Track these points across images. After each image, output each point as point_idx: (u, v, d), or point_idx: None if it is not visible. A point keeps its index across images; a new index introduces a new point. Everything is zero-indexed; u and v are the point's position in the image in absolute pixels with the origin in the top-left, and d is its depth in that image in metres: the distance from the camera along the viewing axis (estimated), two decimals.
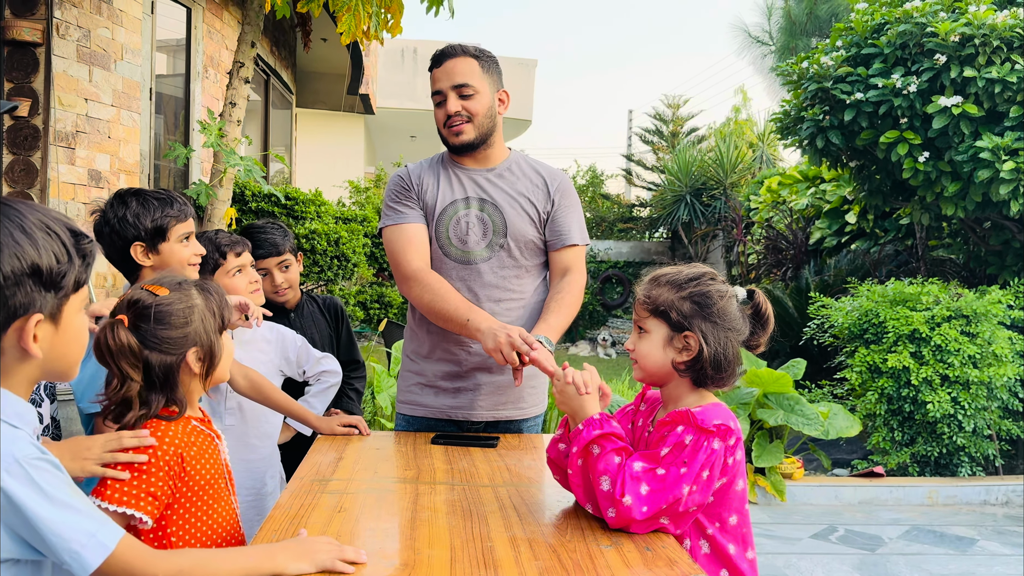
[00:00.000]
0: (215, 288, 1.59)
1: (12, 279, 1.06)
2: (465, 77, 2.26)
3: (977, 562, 3.94)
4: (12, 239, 1.07)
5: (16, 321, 1.08)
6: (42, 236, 1.09)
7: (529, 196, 2.33)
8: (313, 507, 1.60)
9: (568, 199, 2.38)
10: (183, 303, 1.49)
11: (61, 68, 4.48)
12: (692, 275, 1.60)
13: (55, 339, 1.13)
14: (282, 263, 2.70)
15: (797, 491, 4.86)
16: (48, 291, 1.10)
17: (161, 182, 5.75)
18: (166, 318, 1.47)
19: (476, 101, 2.27)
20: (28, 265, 1.07)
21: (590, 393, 1.58)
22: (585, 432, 1.51)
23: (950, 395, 4.87)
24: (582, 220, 2.41)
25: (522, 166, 2.39)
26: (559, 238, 2.34)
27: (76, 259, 1.13)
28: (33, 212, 1.11)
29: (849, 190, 7.39)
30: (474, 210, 2.30)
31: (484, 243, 2.29)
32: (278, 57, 8.24)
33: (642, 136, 17.52)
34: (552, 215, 2.35)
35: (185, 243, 2.03)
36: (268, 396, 2.22)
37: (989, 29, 5.16)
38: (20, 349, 1.09)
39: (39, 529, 1.05)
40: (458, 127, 2.28)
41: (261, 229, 2.71)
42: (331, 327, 2.85)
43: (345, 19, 4.11)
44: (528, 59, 15.89)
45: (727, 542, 1.55)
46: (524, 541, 1.43)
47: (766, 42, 13.62)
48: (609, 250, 13.63)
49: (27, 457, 1.06)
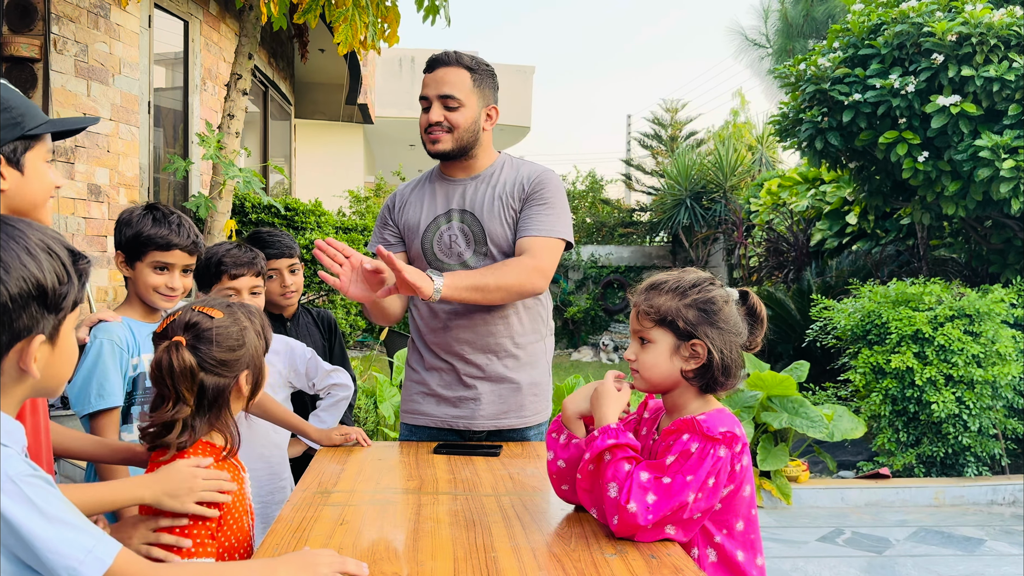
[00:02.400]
0: (256, 310, 1.59)
1: (19, 301, 1.05)
2: (452, 88, 2.25)
3: (985, 563, 3.92)
4: (19, 260, 1.06)
5: (19, 343, 1.08)
6: (45, 257, 1.09)
7: (508, 198, 2.29)
8: (315, 519, 1.59)
9: (541, 193, 2.27)
10: (237, 325, 1.50)
11: (59, 83, 4.49)
12: (694, 281, 1.58)
13: (51, 358, 1.13)
14: (292, 266, 2.75)
15: (803, 494, 4.84)
16: (50, 313, 1.10)
17: (161, 195, 5.76)
18: (224, 341, 1.47)
19: (460, 114, 2.26)
20: (34, 287, 1.06)
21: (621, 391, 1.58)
22: (600, 440, 1.50)
23: (955, 395, 4.85)
24: (557, 216, 2.27)
25: (504, 170, 2.36)
26: (520, 230, 2.26)
27: (75, 279, 1.13)
28: (34, 231, 1.10)
29: (849, 191, 7.38)
30: (455, 222, 2.30)
31: (469, 253, 2.29)
32: (276, 68, 8.26)
33: (641, 141, 17.53)
34: (521, 210, 2.28)
35: (160, 272, 2.02)
36: (266, 409, 2.21)
37: (986, 28, 5.16)
38: (19, 370, 1.09)
39: (35, 547, 1.04)
40: (435, 135, 2.27)
41: (270, 232, 2.77)
42: (324, 339, 2.87)
43: (342, 29, 4.12)
44: (526, 66, 15.92)
45: (735, 549, 1.54)
46: (528, 551, 1.42)
47: (763, 45, 13.63)
48: (610, 255, 13.61)
49: (20, 474, 1.05)
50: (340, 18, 4.11)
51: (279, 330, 2.69)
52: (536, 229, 2.23)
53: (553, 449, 1.66)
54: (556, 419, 1.69)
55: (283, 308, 2.77)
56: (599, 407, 1.56)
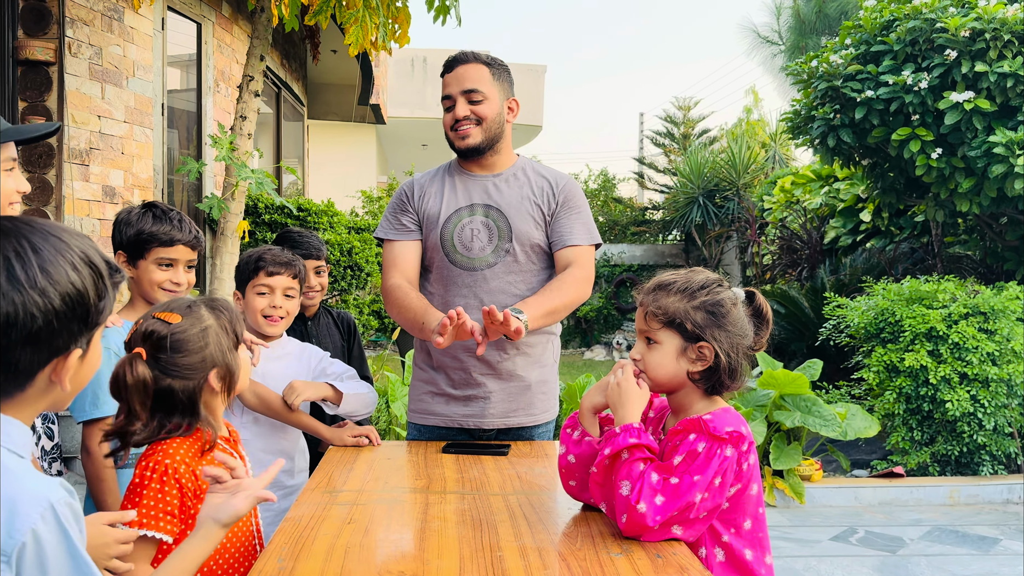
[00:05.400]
0: (224, 304, 1.59)
1: (64, 319, 1.02)
2: (475, 83, 2.29)
3: (1000, 562, 3.89)
4: (66, 276, 1.02)
5: (57, 358, 1.05)
6: (88, 272, 1.05)
7: (534, 199, 2.34)
8: (323, 518, 1.60)
9: (572, 201, 2.37)
10: (196, 327, 1.50)
11: (74, 86, 4.53)
12: (702, 283, 1.58)
13: (79, 370, 1.10)
14: (318, 267, 2.79)
15: (816, 493, 4.82)
16: (89, 329, 1.07)
17: (175, 197, 5.80)
18: (182, 345, 1.48)
19: (485, 106, 2.30)
20: (79, 303, 1.03)
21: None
22: (622, 437, 1.49)
23: (969, 393, 4.82)
24: (589, 222, 2.38)
25: (527, 171, 2.40)
26: (561, 239, 2.33)
27: (111, 292, 1.10)
28: (76, 242, 1.06)
29: (863, 188, 7.33)
30: (479, 216, 2.32)
31: (490, 248, 2.30)
32: (289, 70, 8.30)
33: (653, 139, 17.46)
34: (555, 216, 2.34)
35: (164, 268, 2.05)
36: (277, 410, 2.22)
37: (999, 23, 5.11)
38: (50, 382, 1.06)
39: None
40: (465, 130, 2.30)
41: (299, 233, 2.83)
42: (344, 340, 2.90)
43: (352, 30, 4.13)
44: (537, 65, 15.91)
45: (743, 547, 1.54)
46: (534, 550, 1.43)
47: (775, 42, 13.55)
48: (623, 254, 13.59)
49: (59, 500, 1.00)
50: (351, 19, 4.12)
51: (299, 329, 2.73)
52: (578, 238, 2.33)
53: (566, 444, 1.67)
54: (572, 415, 1.70)
55: (305, 308, 2.80)
56: (621, 404, 1.54)
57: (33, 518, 0.96)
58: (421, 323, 2.20)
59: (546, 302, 2.20)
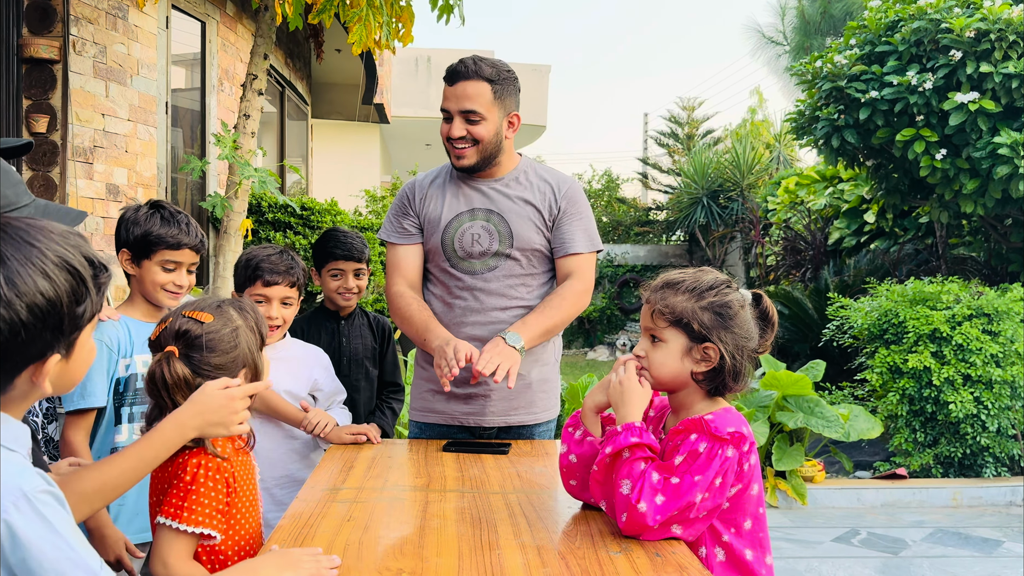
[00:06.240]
0: (249, 305, 1.60)
1: (32, 328, 1.01)
2: (473, 104, 2.24)
3: (1003, 564, 3.88)
4: (34, 284, 1.00)
5: (33, 364, 1.05)
6: (64, 277, 1.03)
7: (535, 203, 2.33)
8: (323, 516, 1.60)
9: (575, 206, 2.35)
10: (228, 327, 1.50)
11: (78, 84, 4.54)
12: (711, 283, 1.57)
13: (65, 368, 1.10)
14: (358, 270, 2.77)
15: (818, 494, 4.81)
16: (66, 335, 1.06)
17: (178, 195, 5.81)
18: (216, 345, 1.48)
19: (482, 127, 2.26)
20: (48, 312, 1.01)
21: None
22: (623, 436, 1.49)
23: (973, 395, 4.80)
24: (591, 227, 2.37)
25: (529, 174, 2.38)
26: (562, 246, 2.33)
27: (93, 294, 1.09)
28: (53, 244, 1.04)
29: (867, 189, 7.32)
30: (480, 221, 2.31)
31: (491, 252, 2.30)
32: (293, 69, 8.31)
33: (658, 139, 17.45)
34: (557, 222, 2.34)
35: (168, 271, 2.06)
36: (276, 408, 2.23)
37: (1005, 24, 5.10)
38: (31, 383, 1.07)
39: (42, 566, 1.00)
40: (460, 151, 2.28)
41: (344, 233, 2.81)
42: (376, 343, 2.84)
43: (356, 29, 4.14)
44: (542, 65, 15.89)
45: (744, 547, 1.53)
46: (533, 548, 1.42)
47: (780, 42, 13.54)
48: (626, 254, 13.58)
49: (34, 490, 1.01)
50: (354, 18, 4.12)
51: (333, 325, 2.72)
52: (579, 245, 2.32)
53: (567, 443, 1.66)
54: (575, 414, 1.69)
55: (340, 309, 2.78)
56: (623, 403, 1.54)
57: (5, 508, 0.98)
58: (423, 339, 2.23)
59: (544, 320, 2.22)
